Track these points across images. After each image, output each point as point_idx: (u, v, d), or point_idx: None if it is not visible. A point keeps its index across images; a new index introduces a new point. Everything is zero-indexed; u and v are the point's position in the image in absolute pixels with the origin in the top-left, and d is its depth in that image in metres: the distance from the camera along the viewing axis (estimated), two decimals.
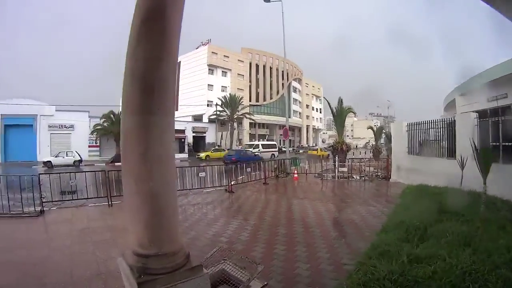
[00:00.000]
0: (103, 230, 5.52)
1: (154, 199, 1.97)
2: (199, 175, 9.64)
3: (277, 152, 33.11)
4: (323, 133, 77.23)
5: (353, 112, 20.83)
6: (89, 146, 30.02)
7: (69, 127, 29.47)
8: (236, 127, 40.27)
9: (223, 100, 38.32)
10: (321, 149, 37.46)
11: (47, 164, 22.69)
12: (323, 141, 69.74)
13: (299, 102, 62.13)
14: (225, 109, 37.94)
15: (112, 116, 29.12)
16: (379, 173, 13.06)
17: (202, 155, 30.36)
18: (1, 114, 27.17)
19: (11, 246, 4.78)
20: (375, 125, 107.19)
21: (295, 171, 13.47)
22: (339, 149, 15.99)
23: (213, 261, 3.17)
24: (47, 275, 3.69)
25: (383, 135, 29.34)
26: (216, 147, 34.47)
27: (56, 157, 23.67)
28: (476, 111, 10.00)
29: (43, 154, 26.44)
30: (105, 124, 29.12)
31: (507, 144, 6.80)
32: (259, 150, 31.01)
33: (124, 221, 5.39)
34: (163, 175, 2.01)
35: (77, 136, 29.36)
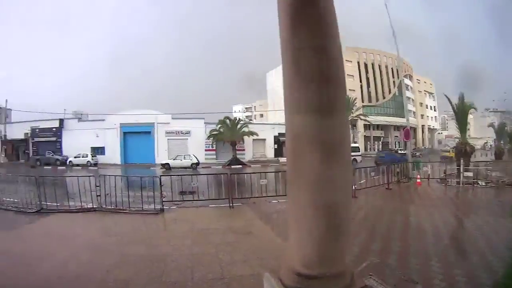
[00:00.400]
0: (225, 232, 5.42)
1: (332, 210, 1.65)
2: None
3: (360, 157, 28.34)
4: (438, 133, 68.15)
5: (474, 109, 18.54)
6: (206, 150, 32.20)
7: (185, 133, 32.51)
8: (351, 129, 38.79)
9: None
10: (453, 151, 32.66)
11: (165, 166, 24.31)
12: (439, 142, 61.40)
13: (412, 100, 56.36)
14: None
15: (227, 121, 30.59)
16: (505, 180, 11.57)
17: None
18: (120, 123, 31.81)
19: (131, 240, 5.07)
20: (493, 123, 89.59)
21: (418, 176, 12.76)
22: (463, 151, 14.31)
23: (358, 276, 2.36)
24: (167, 273, 3.72)
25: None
26: None
27: (174, 159, 25.18)
28: None
29: (161, 157, 29.28)
30: (220, 129, 30.36)
31: None
32: None
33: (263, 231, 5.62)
34: (343, 183, 1.65)
35: (193, 141, 32.06)
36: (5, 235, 5.51)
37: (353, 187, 8.80)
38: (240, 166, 26.96)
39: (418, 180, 12.24)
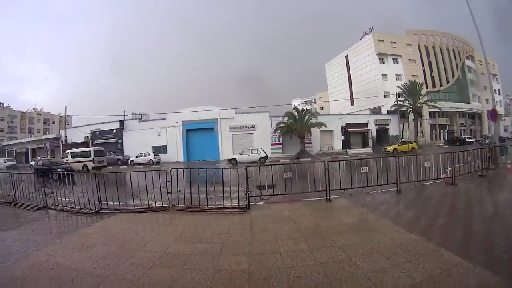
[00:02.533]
0: (342, 231, 4.68)
1: None
2: (425, 164, 8.66)
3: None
4: (502, 119, 64.66)
5: None
6: (272, 144, 32.37)
7: (250, 127, 32.88)
8: (418, 117, 37.77)
9: (403, 88, 37.13)
10: None
11: (232, 161, 23.84)
12: (505, 129, 58.17)
13: (476, 83, 53.76)
14: (407, 98, 36.56)
15: (295, 113, 30.64)
16: None
17: (389, 148, 29.09)
18: (182, 121, 32.96)
19: (223, 248, 4.20)
20: None
21: (509, 161, 11.99)
22: None
23: None
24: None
25: None
26: (403, 140, 32.99)
27: (241, 154, 24.88)
28: None
29: (226, 153, 29.94)
30: (288, 121, 30.44)
31: None
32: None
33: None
34: None
35: (259, 135, 32.40)
36: (54, 239, 4.89)
37: (453, 173, 8.51)
38: (309, 159, 26.03)
39: (509, 166, 11.47)
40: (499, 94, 62.18)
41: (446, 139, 42.35)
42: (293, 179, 7.09)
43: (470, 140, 39.43)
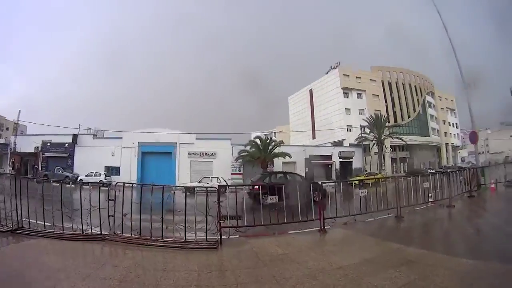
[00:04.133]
0: (373, 271, 3.88)
1: None
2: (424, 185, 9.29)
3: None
4: (458, 152, 69.94)
5: None
6: (232, 174, 31.68)
7: (210, 154, 32.45)
8: (382, 149, 39.92)
9: (368, 121, 39.51)
10: None
11: (190, 190, 23.53)
12: (462, 160, 62.90)
13: (435, 118, 58.16)
14: (372, 130, 38.81)
15: (259, 141, 30.69)
16: None
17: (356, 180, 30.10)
18: (138, 142, 31.72)
19: None
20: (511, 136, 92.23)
21: (492, 182, 13.18)
22: None
23: None
24: None
25: None
26: (368, 172, 34.85)
27: (199, 182, 23.56)
28: None
29: (182, 180, 28.87)
30: (252, 150, 30.45)
31: None
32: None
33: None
34: None
35: (219, 163, 31.88)
36: None
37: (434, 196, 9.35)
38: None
39: (492, 186, 12.78)
40: (456, 128, 67.57)
41: (407, 171, 44.89)
42: (272, 206, 6.35)
43: (431, 171, 42.05)
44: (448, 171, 34.94)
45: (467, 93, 14.84)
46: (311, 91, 52.47)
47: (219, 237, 5.32)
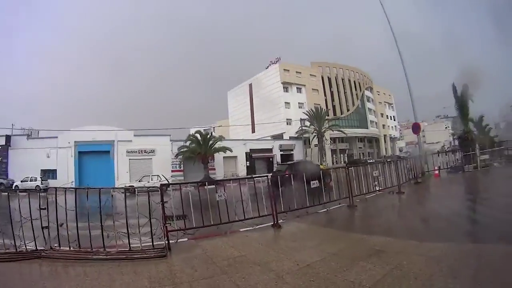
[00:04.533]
0: (347, 263, 3.82)
1: None
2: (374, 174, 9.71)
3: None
4: (396, 142, 76.65)
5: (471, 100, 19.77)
6: (172, 171, 31.16)
7: (149, 151, 31.61)
8: (322, 142, 41.70)
9: (308, 114, 41.46)
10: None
11: (130, 189, 21.21)
12: (400, 150, 69.28)
13: (374, 111, 63.39)
14: (313, 123, 40.84)
15: (199, 136, 30.14)
16: None
17: None
18: (74, 142, 30.16)
19: None
20: (446, 127, 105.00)
21: (435, 168, 14.44)
22: (470, 139, 17.16)
23: None
24: None
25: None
26: None
27: (139, 181, 23.11)
28: None
29: (122, 180, 27.89)
30: (191, 145, 30.02)
31: None
32: None
33: None
34: None
35: (158, 160, 31.20)
36: None
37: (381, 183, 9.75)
38: (214, 186, 25.87)
39: (436, 172, 14.03)
40: (394, 120, 74.12)
41: (347, 161, 48.79)
42: (220, 204, 5.87)
43: (371, 161, 45.98)
44: (388, 160, 38.94)
45: (409, 87, 16.39)
46: (251, 85, 53.67)
47: (166, 242, 4.87)
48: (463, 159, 15.52)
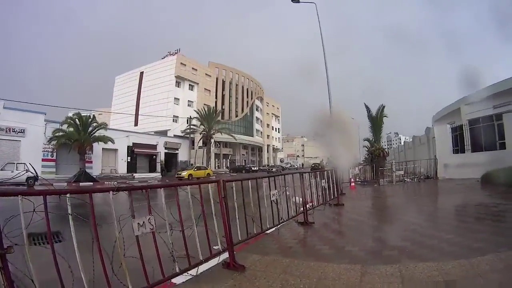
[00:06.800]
0: None
1: None
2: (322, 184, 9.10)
3: None
4: (278, 152, 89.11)
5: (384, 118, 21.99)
6: (43, 160, 28.35)
7: (19, 131, 27.38)
8: (210, 144, 43.44)
9: (199, 113, 42.90)
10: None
11: None
12: (281, 161, 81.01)
13: (261, 121, 72.43)
14: (203, 123, 42.35)
15: (78, 120, 28.15)
16: (423, 175, 18.39)
17: (184, 174, 31.00)
18: None
19: None
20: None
21: (352, 180, 15.84)
22: (382, 155, 19.09)
23: None
24: None
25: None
26: (197, 165, 36.55)
27: (1, 170, 20.14)
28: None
29: None
30: (69, 129, 27.73)
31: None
32: None
33: None
34: None
35: (28, 144, 27.43)
36: None
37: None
38: (91, 183, 23.96)
39: (352, 184, 15.30)
40: (278, 132, 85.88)
41: (230, 167, 54.75)
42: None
43: (254, 168, 52.81)
44: (273, 169, 45.86)
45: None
46: (142, 73, 53.66)
47: None
48: (378, 174, 17.71)
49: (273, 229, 5.97)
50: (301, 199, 7.01)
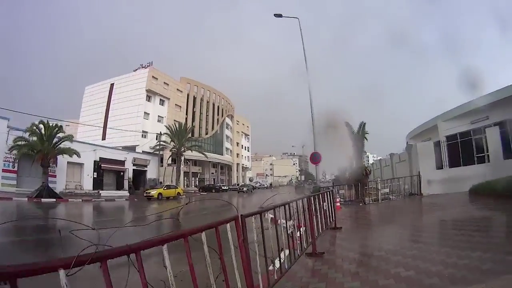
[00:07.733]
0: None
1: None
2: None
3: None
4: (248, 171, 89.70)
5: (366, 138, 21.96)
6: (3, 171, 26.94)
7: None
8: (180, 161, 43.13)
9: (170, 129, 42.72)
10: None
11: None
12: (250, 180, 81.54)
13: (231, 139, 72.96)
14: (173, 139, 42.17)
15: (42, 128, 26.82)
16: (408, 192, 18.71)
17: (154, 193, 30.31)
18: None
19: None
20: (294, 164, 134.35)
21: (338, 200, 14.74)
22: (365, 174, 18.75)
23: None
24: None
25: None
26: (167, 184, 35.68)
27: None
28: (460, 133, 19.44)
29: None
30: (32, 138, 26.51)
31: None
32: None
33: None
34: None
35: None
36: None
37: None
38: (54, 200, 23.55)
39: (338, 204, 13.92)
40: (248, 151, 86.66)
41: (199, 186, 54.23)
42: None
43: (224, 188, 53.15)
44: (244, 189, 46.14)
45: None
46: (112, 85, 52.56)
47: None
48: (363, 192, 17.51)
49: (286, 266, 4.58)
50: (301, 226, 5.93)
